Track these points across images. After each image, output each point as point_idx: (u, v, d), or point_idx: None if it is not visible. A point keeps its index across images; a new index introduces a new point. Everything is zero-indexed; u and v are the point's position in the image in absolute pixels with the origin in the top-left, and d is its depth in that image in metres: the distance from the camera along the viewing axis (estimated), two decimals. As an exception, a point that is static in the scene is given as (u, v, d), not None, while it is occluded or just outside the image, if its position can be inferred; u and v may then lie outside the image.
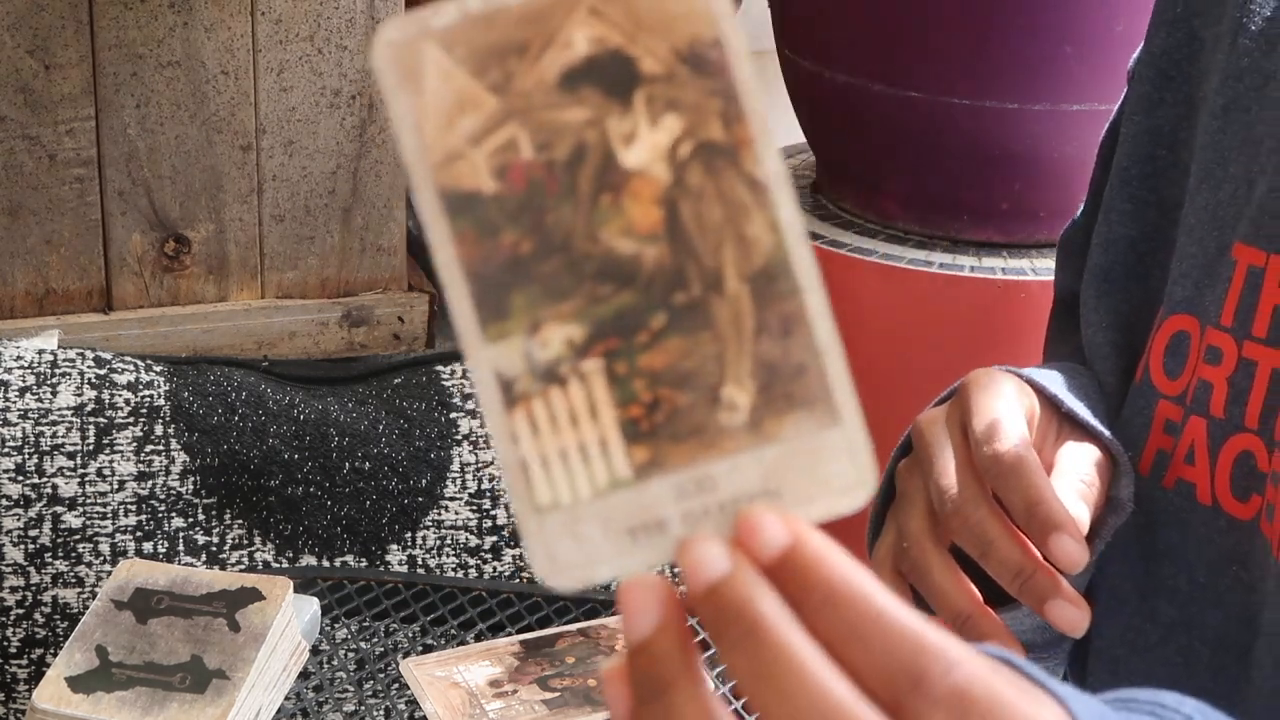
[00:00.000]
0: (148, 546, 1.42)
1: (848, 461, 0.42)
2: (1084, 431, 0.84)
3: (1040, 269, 1.70)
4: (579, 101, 0.42)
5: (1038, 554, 0.75)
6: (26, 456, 1.40)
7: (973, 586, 0.76)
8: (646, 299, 0.42)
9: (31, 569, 1.40)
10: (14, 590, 1.40)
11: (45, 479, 1.40)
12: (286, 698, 1.00)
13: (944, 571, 0.76)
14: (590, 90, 0.42)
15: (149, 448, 1.42)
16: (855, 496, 0.42)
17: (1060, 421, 0.84)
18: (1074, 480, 0.80)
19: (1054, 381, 0.86)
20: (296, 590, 1.02)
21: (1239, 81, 0.86)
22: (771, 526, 0.41)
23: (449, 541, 1.48)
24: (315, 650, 1.07)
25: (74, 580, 1.41)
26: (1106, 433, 0.83)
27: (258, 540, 1.45)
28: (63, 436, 1.40)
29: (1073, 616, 0.73)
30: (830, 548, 0.41)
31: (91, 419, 1.42)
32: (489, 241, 0.42)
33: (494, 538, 1.49)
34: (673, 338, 0.42)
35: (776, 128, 0.43)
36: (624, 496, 0.42)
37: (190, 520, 1.43)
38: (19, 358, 1.44)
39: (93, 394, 1.42)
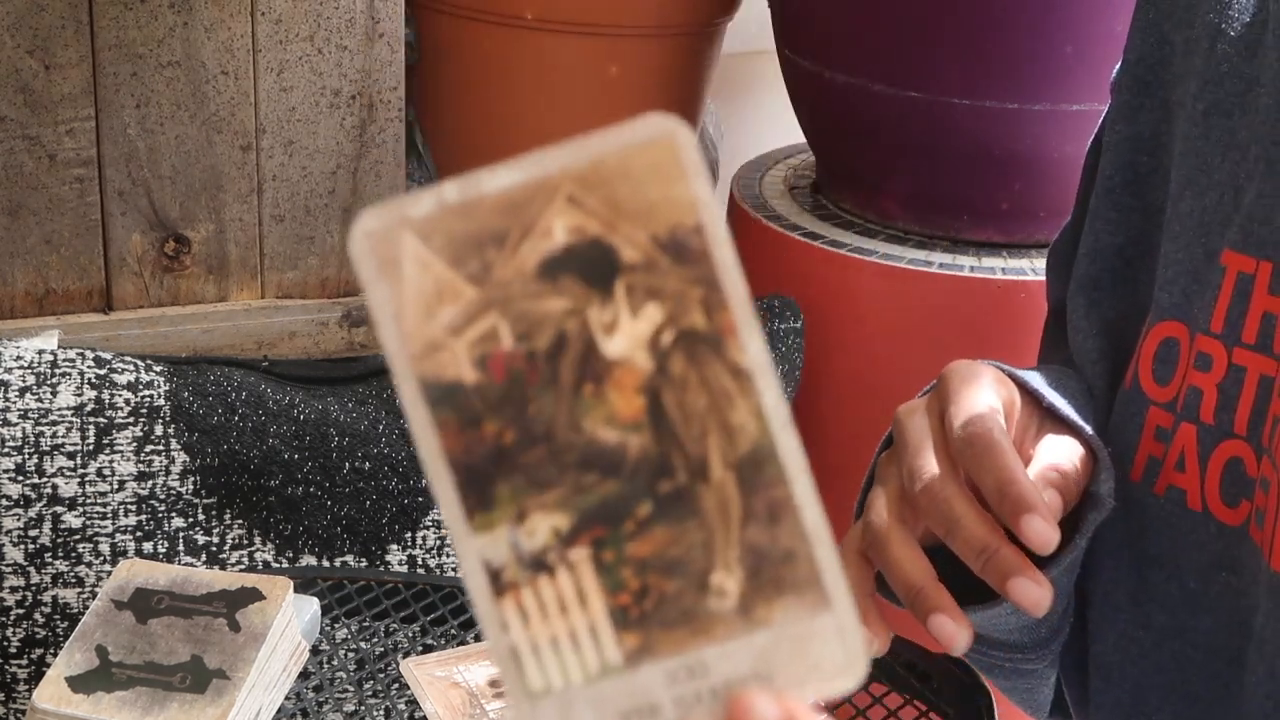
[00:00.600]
0: (148, 546, 1.42)
1: (838, 645, 0.42)
2: (1066, 427, 0.84)
3: (1040, 269, 1.70)
4: (559, 291, 0.42)
5: (1003, 534, 0.75)
6: (26, 456, 1.40)
7: (928, 563, 0.76)
8: (631, 488, 0.42)
9: (31, 569, 1.40)
10: (14, 590, 1.40)
11: (45, 479, 1.40)
12: (286, 698, 1.00)
13: (901, 546, 0.76)
14: (570, 280, 0.42)
15: (149, 448, 1.42)
16: (847, 679, 0.42)
17: (1042, 417, 0.85)
18: (1048, 469, 0.80)
19: (1035, 379, 0.86)
20: (296, 590, 1.02)
21: (1219, 86, 0.86)
22: (763, 705, 0.42)
23: (449, 541, 1.48)
24: (315, 650, 1.07)
25: (74, 580, 1.41)
26: (1088, 429, 0.83)
27: (258, 540, 1.45)
28: (63, 436, 1.40)
29: (1034, 594, 0.72)
30: None
31: (91, 419, 1.42)
32: (472, 432, 0.42)
33: (494, 538, 1.49)
34: (659, 526, 0.42)
35: (776, 128, 0.43)
36: (616, 682, 0.43)
37: (190, 520, 1.43)
38: (19, 358, 1.44)
39: (93, 394, 1.42)
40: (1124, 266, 0.92)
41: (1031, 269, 1.71)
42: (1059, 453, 0.82)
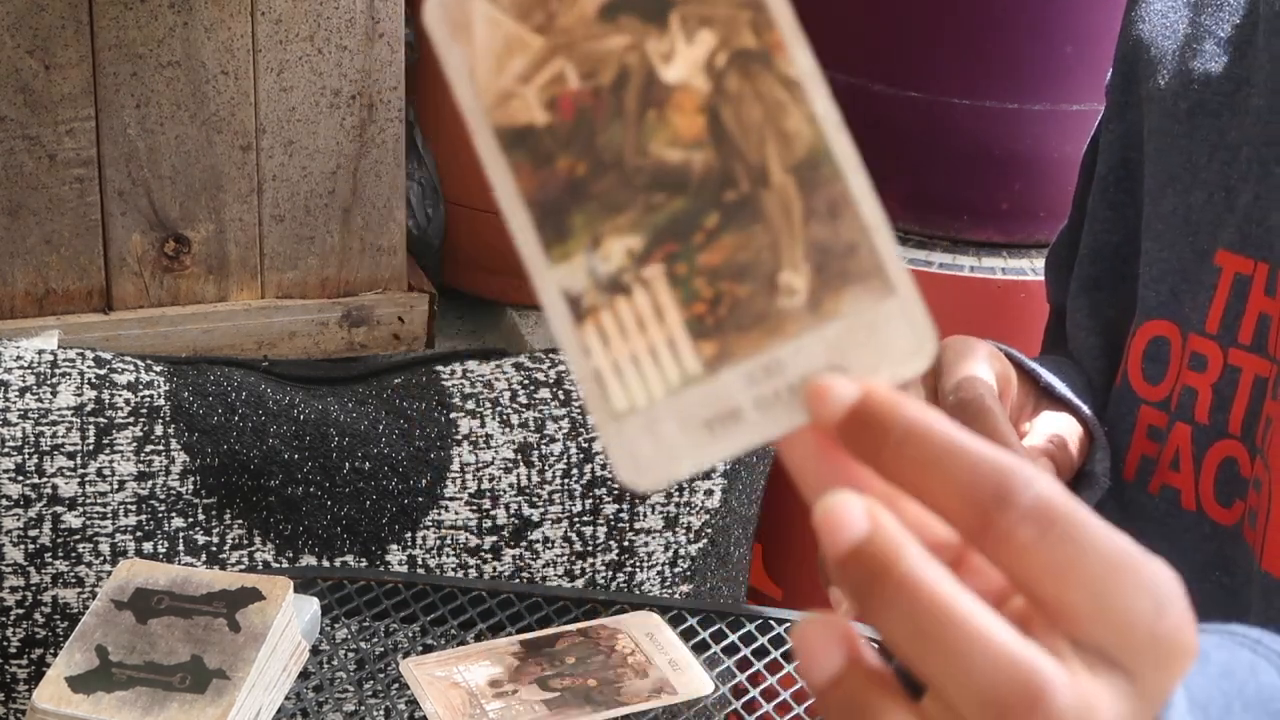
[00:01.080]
0: (148, 546, 1.42)
1: (906, 328, 0.44)
2: (1062, 406, 0.85)
3: (1040, 269, 1.70)
4: (618, 29, 0.44)
5: None
6: (26, 456, 1.40)
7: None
8: (698, 201, 0.44)
9: (31, 569, 1.40)
10: (14, 590, 1.40)
11: (45, 479, 1.40)
12: (286, 698, 1.00)
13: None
14: (627, 18, 0.44)
15: (149, 448, 1.42)
16: (918, 361, 0.44)
17: (1038, 395, 0.85)
18: (1049, 438, 0.81)
19: (1031, 360, 0.87)
20: (296, 590, 1.02)
21: (1206, 86, 0.86)
22: (839, 386, 0.43)
23: (449, 541, 1.48)
24: (315, 650, 1.07)
25: (74, 580, 1.41)
26: (1085, 408, 0.84)
27: (258, 540, 1.45)
28: (63, 436, 1.40)
29: None
30: (900, 395, 0.42)
31: (91, 419, 1.42)
32: (545, 170, 0.44)
33: (494, 538, 1.49)
34: (727, 234, 0.44)
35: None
36: (697, 391, 0.44)
37: (190, 520, 1.43)
38: (19, 358, 1.44)
39: (93, 394, 1.42)
40: (1121, 265, 0.93)
41: (1031, 269, 1.71)
42: (1053, 425, 0.83)
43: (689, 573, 1.57)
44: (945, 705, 0.40)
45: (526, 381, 1.52)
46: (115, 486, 1.41)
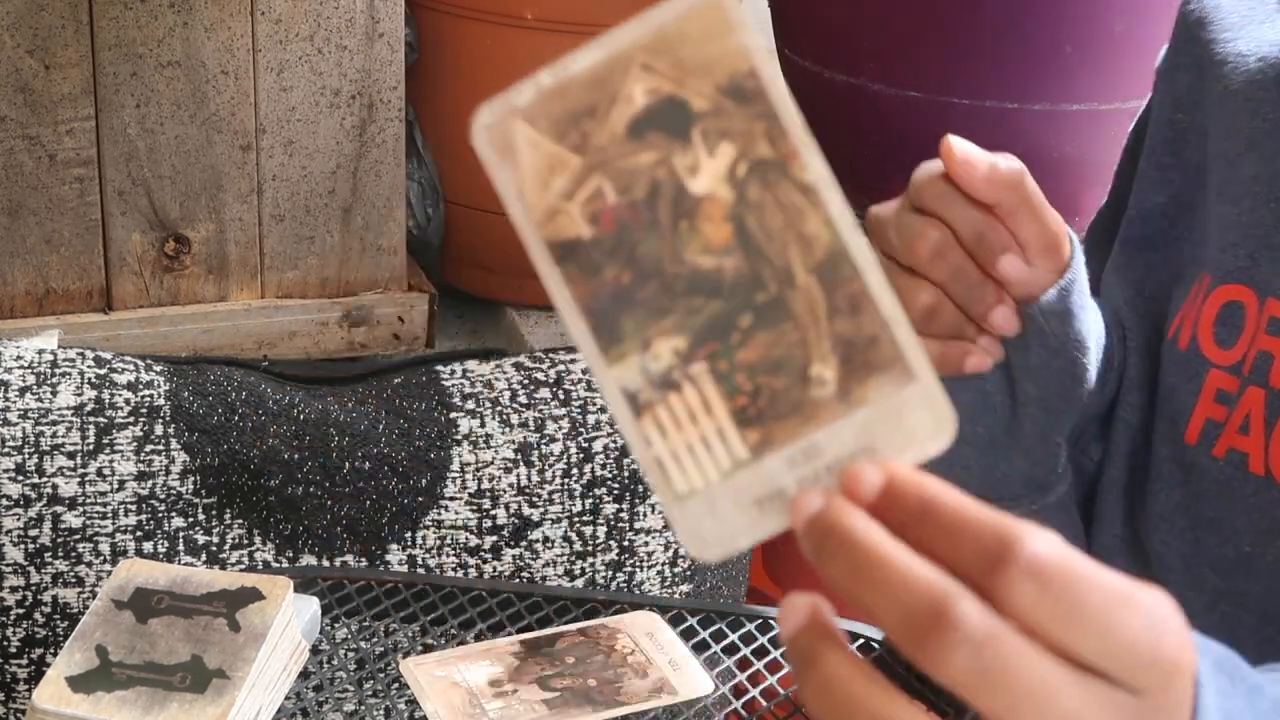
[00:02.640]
0: (148, 546, 1.42)
1: (927, 411, 0.49)
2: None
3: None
4: (647, 146, 0.49)
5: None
6: (26, 456, 1.40)
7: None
8: (732, 303, 0.49)
9: (31, 569, 1.40)
10: (14, 590, 1.40)
11: (45, 479, 1.40)
12: (286, 698, 1.00)
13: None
14: (654, 134, 0.49)
15: (149, 448, 1.42)
16: (939, 440, 0.49)
17: None
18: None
19: None
20: (296, 590, 1.02)
21: None
22: (868, 472, 0.48)
23: (449, 541, 1.48)
24: (315, 650, 1.07)
25: (74, 580, 1.41)
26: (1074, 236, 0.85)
27: (258, 540, 1.45)
28: (63, 436, 1.40)
29: (1010, 318, 0.81)
30: (920, 474, 0.48)
31: (91, 419, 1.42)
32: (595, 279, 0.49)
33: (494, 537, 1.49)
34: (761, 332, 0.49)
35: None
36: (746, 474, 0.49)
37: (190, 520, 1.43)
38: (19, 358, 1.44)
39: (93, 394, 1.42)
40: (1168, 226, 0.92)
41: (1031, 269, 1.71)
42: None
43: (689, 573, 1.57)
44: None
45: (526, 381, 1.52)
46: (115, 486, 1.41)
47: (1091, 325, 0.86)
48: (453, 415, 1.49)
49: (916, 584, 0.46)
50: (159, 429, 1.42)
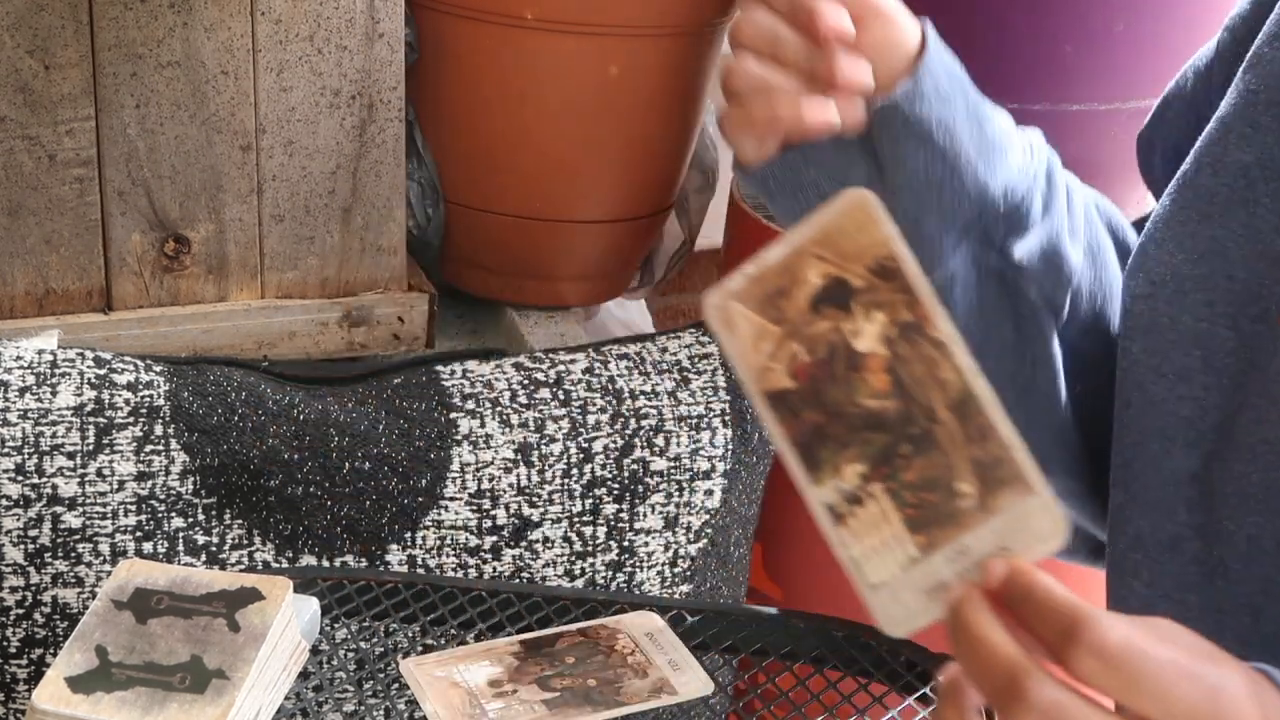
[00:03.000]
0: (148, 546, 1.42)
1: (1046, 518, 0.62)
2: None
3: (1040, 269, 1.70)
4: (823, 317, 0.65)
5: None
6: (26, 456, 1.40)
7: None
8: (894, 436, 0.64)
9: (31, 569, 1.40)
10: (14, 590, 1.40)
11: (45, 479, 1.40)
12: (286, 698, 1.00)
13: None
14: (827, 308, 0.65)
15: (149, 448, 1.42)
16: (1055, 541, 0.62)
17: None
18: None
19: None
20: (296, 590, 1.02)
21: None
22: (997, 566, 0.63)
23: (449, 541, 1.48)
24: (315, 650, 1.06)
25: (74, 580, 1.41)
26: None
27: (258, 540, 1.45)
28: (63, 436, 1.40)
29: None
30: (1033, 569, 0.62)
31: (91, 419, 1.41)
32: (797, 421, 0.65)
33: (494, 538, 1.49)
34: (917, 458, 0.63)
35: None
36: (918, 569, 0.63)
37: (190, 520, 1.43)
38: (19, 358, 1.44)
39: (92, 394, 1.42)
40: (1246, 187, 0.89)
41: (1031, 269, 1.71)
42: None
43: (689, 573, 1.57)
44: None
45: (526, 381, 1.52)
46: (115, 486, 1.41)
47: (979, 118, 0.94)
48: (453, 415, 1.49)
49: (1001, 661, 0.59)
50: (159, 429, 1.42)
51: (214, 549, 1.44)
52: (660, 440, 1.52)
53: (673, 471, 1.52)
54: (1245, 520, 0.84)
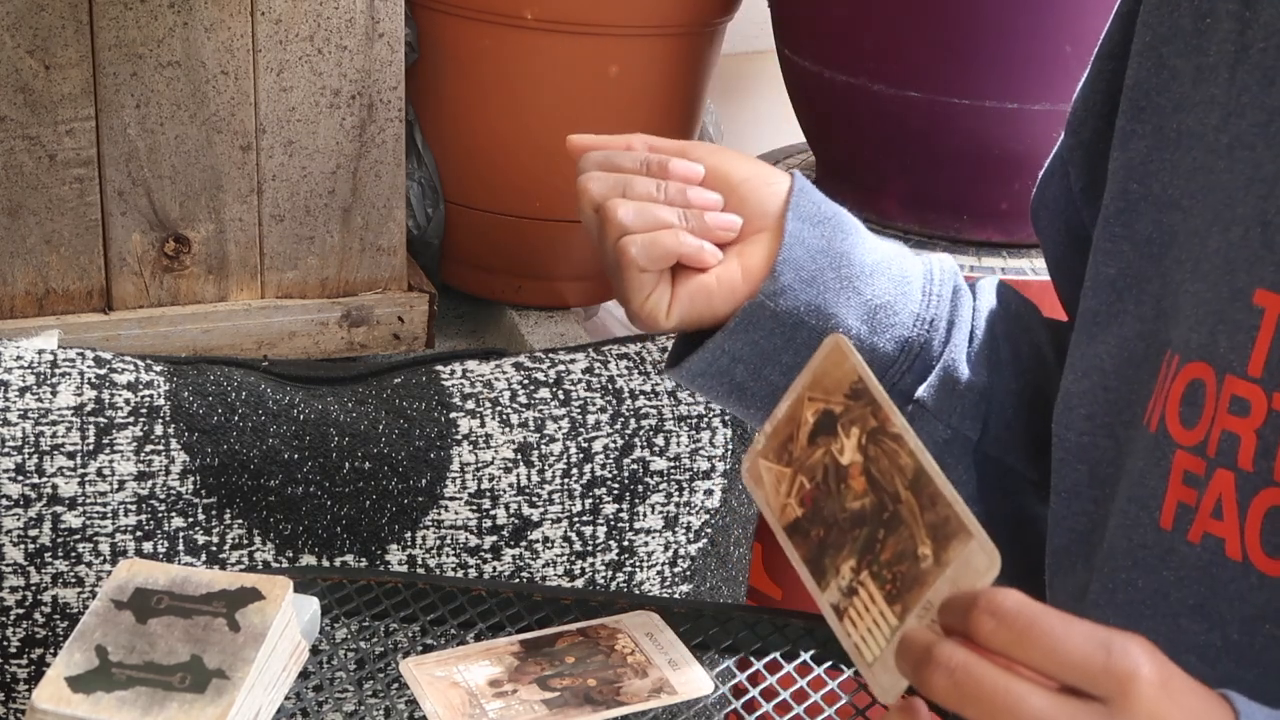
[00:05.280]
0: (148, 546, 1.42)
1: (983, 555, 0.67)
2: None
3: (1040, 269, 1.70)
4: (817, 446, 0.75)
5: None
6: (26, 456, 1.40)
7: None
8: (872, 526, 0.71)
9: (31, 569, 1.40)
10: (14, 590, 1.40)
11: (45, 479, 1.40)
12: (286, 698, 1.00)
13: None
14: (821, 437, 0.75)
15: (149, 448, 1.42)
16: (992, 572, 0.67)
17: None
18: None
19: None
20: (296, 590, 1.02)
21: (1241, 118, 0.83)
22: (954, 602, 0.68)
23: (449, 541, 1.48)
24: (315, 650, 1.07)
25: (74, 580, 1.41)
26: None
27: (258, 540, 1.45)
28: (63, 436, 1.40)
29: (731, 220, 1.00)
30: (967, 596, 0.66)
31: (91, 419, 1.42)
32: (807, 540, 0.75)
33: (494, 537, 1.49)
34: (890, 538, 0.70)
35: (776, 128, 0.66)
36: (899, 635, 0.69)
37: (190, 520, 1.43)
38: (19, 358, 1.44)
39: (93, 394, 1.42)
40: (1115, 300, 0.90)
41: (1031, 269, 1.71)
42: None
43: (689, 573, 1.57)
44: None
45: (526, 381, 1.52)
46: (115, 486, 1.41)
47: (854, 284, 0.98)
48: (453, 415, 1.49)
49: (918, 638, 0.65)
50: (159, 429, 1.42)
51: (214, 549, 1.44)
52: (660, 440, 1.52)
53: (672, 471, 1.52)
54: (1139, 627, 0.86)
